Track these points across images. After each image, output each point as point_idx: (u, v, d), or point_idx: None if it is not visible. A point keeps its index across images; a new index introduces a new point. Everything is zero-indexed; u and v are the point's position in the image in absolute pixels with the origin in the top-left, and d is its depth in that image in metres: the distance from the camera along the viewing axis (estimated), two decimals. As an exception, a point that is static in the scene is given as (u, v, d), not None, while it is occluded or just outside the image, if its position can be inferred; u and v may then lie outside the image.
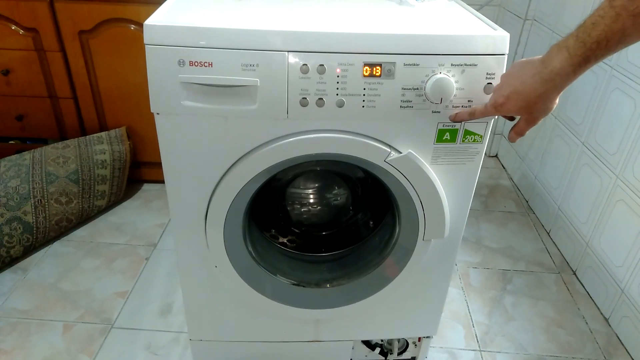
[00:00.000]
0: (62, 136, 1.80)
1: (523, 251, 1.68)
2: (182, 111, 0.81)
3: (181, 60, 0.77)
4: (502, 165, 2.19)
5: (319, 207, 1.23)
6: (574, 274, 1.58)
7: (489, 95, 0.82)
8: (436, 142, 0.87)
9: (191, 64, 0.77)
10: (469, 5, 0.99)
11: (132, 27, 1.58)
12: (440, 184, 0.90)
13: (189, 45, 0.76)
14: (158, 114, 0.82)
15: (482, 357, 1.29)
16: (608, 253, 1.41)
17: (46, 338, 1.27)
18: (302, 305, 1.06)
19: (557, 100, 0.73)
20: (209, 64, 0.77)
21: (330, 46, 0.78)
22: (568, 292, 1.51)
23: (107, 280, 1.47)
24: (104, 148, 1.69)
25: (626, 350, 1.32)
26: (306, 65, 0.78)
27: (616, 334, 1.36)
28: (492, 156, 2.27)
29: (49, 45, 1.61)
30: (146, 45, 0.77)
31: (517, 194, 1.99)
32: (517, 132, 0.79)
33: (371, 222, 1.15)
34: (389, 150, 0.85)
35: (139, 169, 1.88)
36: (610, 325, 1.39)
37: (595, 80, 1.50)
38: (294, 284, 1.05)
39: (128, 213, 1.76)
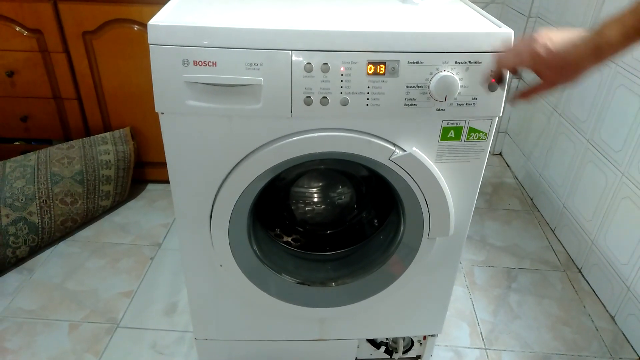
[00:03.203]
0: (67, 137, 1.81)
1: (528, 249, 1.67)
2: (187, 111, 0.81)
3: (185, 60, 0.77)
4: (506, 163, 2.19)
5: (323, 206, 1.23)
6: (579, 271, 1.57)
7: (494, 94, 0.82)
8: (440, 140, 0.86)
9: (195, 63, 0.77)
10: (473, 3, 0.99)
11: (136, 27, 1.58)
12: (445, 182, 0.90)
13: (193, 44, 0.77)
14: (162, 113, 0.82)
15: (487, 356, 1.29)
16: (614, 250, 1.41)
17: (52, 338, 1.28)
18: (307, 304, 1.06)
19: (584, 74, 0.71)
20: (212, 64, 0.77)
21: (334, 45, 0.78)
22: (573, 289, 1.51)
23: (112, 280, 1.47)
24: (108, 148, 1.69)
25: (632, 347, 1.31)
26: (310, 64, 0.78)
27: (622, 332, 1.36)
28: (496, 154, 2.26)
29: (53, 46, 1.62)
30: (150, 45, 0.77)
31: (521, 192, 1.98)
32: (526, 94, 0.79)
33: (375, 221, 1.15)
34: (393, 148, 0.85)
35: (143, 169, 1.89)
36: (616, 323, 1.39)
37: (599, 77, 1.49)
38: (298, 283, 1.05)
39: (132, 213, 1.77)
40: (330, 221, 1.23)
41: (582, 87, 1.59)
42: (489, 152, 0.89)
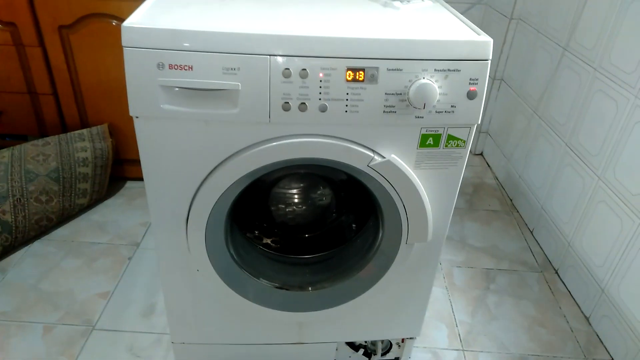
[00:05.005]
0: (42, 133, 1.77)
1: (506, 250, 1.69)
2: (162, 115, 0.79)
3: (160, 64, 0.75)
4: (487, 164, 2.20)
5: (302, 208, 1.23)
6: (556, 272, 1.60)
7: (472, 101, 0.82)
8: (419, 147, 0.86)
9: (171, 67, 0.76)
10: (459, 4, 0.98)
11: (114, 22, 1.55)
12: (424, 188, 0.90)
13: (169, 48, 0.75)
14: (137, 117, 0.81)
15: (464, 357, 1.30)
16: (589, 253, 1.43)
17: (26, 340, 1.25)
18: (285, 308, 1.05)
19: None
20: (189, 68, 0.76)
21: (313, 50, 0.77)
22: (550, 291, 1.53)
23: (88, 281, 1.44)
24: (85, 145, 1.66)
25: (606, 349, 1.34)
26: (288, 69, 0.77)
27: (596, 333, 1.38)
28: (477, 154, 2.28)
29: (27, 40, 1.58)
30: (124, 48, 0.75)
31: (501, 193, 2.00)
32: None
33: (354, 225, 1.14)
34: (372, 155, 0.85)
35: (122, 166, 1.85)
36: (590, 324, 1.41)
37: (578, 81, 1.51)
38: (277, 287, 1.04)
39: (111, 211, 1.74)
40: (309, 224, 1.22)
41: (561, 91, 1.60)
42: (470, 152, 0.90)
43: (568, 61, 1.57)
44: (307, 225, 1.22)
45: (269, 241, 1.17)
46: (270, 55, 0.76)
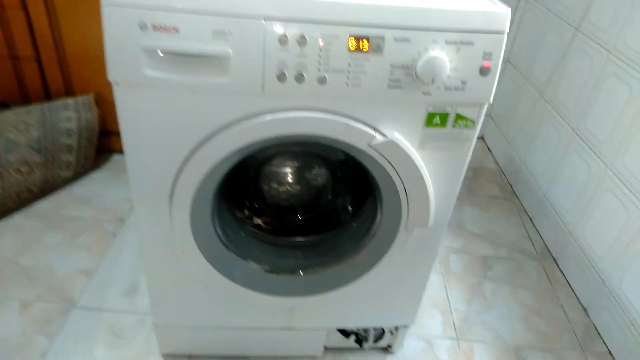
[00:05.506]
0: (25, 100, 1.68)
1: (505, 237, 1.64)
2: (145, 81, 0.72)
3: (143, 24, 0.68)
4: (488, 148, 2.14)
5: (295, 188, 1.16)
6: (555, 262, 1.55)
7: (484, 78, 0.75)
8: (425, 126, 0.80)
9: (154, 28, 0.68)
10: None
11: (101, -16, 1.45)
12: (427, 171, 0.84)
13: (152, 6, 0.67)
14: (117, 84, 0.73)
15: (458, 346, 1.26)
16: (591, 243, 1.38)
17: (1, 317, 1.19)
18: (275, 292, 1.00)
19: None
20: (174, 30, 0.68)
21: (313, 15, 0.69)
22: (548, 280, 1.49)
23: (70, 257, 1.38)
24: (70, 115, 1.58)
25: (603, 341, 1.30)
26: (285, 35, 0.70)
27: (594, 325, 1.34)
28: (478, 138, 2.22)
29: (9, 1, 1.48)
30: (102, 5, 0.67)
31: (501, 178, 1.95)
32: None
33: (350, 208, 1.08)
34: (374, 133, 0.78)
35: (109, 138, 1.77)
36: (588, 316, 1.37)
37: (590, 63, 1.44)
38: (266, 271, 0.98)
39: (96, 185, 1.67)
40: (302, 205, 1.16)
41: (571, 74, 1.53)
42: (474, 139, 0.83)
43: (580, 42, 1.50)
44: (301, 207, 1.16)
45: (260, 222, 1.11)
46: (265, 19, 0.69)
